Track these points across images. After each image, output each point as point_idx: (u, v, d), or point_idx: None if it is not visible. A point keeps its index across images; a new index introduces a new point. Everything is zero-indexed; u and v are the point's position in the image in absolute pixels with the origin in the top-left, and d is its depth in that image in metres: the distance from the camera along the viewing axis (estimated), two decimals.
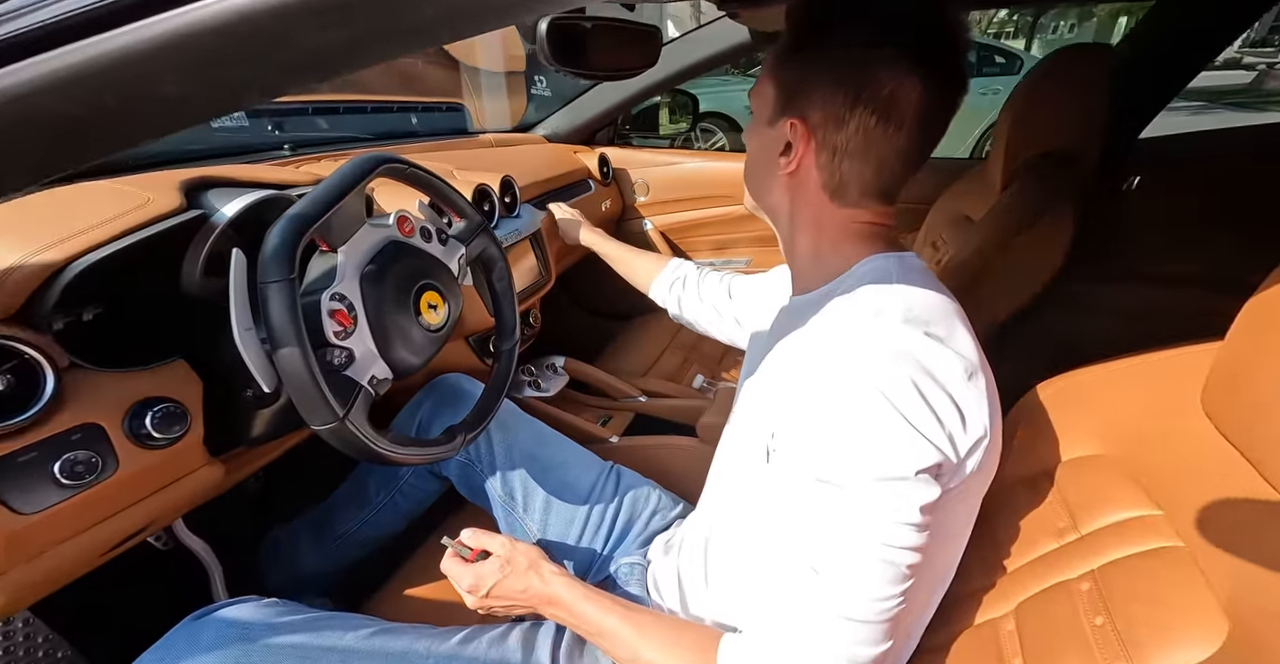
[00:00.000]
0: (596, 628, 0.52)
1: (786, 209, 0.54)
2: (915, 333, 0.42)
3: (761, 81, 0.52)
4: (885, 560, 0.40)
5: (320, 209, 0.54)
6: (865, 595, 0.40)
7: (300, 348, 0.50)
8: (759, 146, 0.54)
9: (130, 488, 0.55)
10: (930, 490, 0.40)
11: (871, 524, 0.40)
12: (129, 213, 0.57)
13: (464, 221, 0.77)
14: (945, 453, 0.40)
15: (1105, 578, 0.41)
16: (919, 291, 0.46)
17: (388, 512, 0.86)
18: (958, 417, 0.41)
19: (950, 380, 0.41)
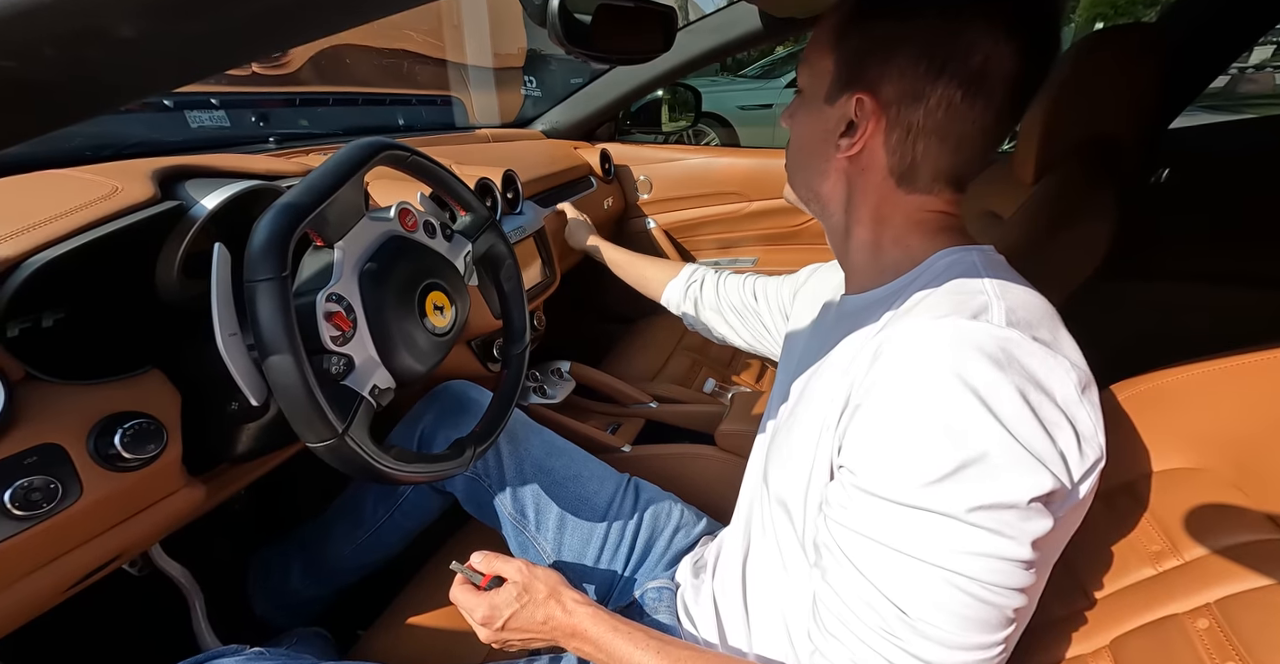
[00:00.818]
0: (624, 657, 0.46)
1: (842, 198, 0.49)
2: (1021, 337, 0.36)
3: (815, 53, 0.46)
4: (989, 603, 0.34)
5: (315, 199, 0.48)
6: (960, 644, 0.34)
7: (293, 355, 0.44)
8: (812, 128, 0.49)
9: (96, 516, 0.48)
10: (1043, 522, 0.34)
11: (974, 561, 0.34)
12: (94, 203, 0.50)
13: (469, 216, 0.71)
14: (1059, 478, 0.34)
15: (1229, 614, 0.36)
16: (1017, 289, 0.41)
17: (387, 531, 0.79)
18: (1073, 435, 0.35)
19: (1064, 393, 0.36)
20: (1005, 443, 0.34)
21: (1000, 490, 0.33)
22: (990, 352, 0.35)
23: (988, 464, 0.34)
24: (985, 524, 0.34)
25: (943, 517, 0.34)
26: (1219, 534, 0.40)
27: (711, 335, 0.93)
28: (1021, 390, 0.34)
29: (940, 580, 0.34)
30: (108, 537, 0.50)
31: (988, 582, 0.34)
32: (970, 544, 0.34)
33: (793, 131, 0.52)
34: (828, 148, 0.47)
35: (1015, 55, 0.40)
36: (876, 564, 0.36)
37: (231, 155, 0.67)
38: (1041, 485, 0.34)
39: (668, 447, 0.95)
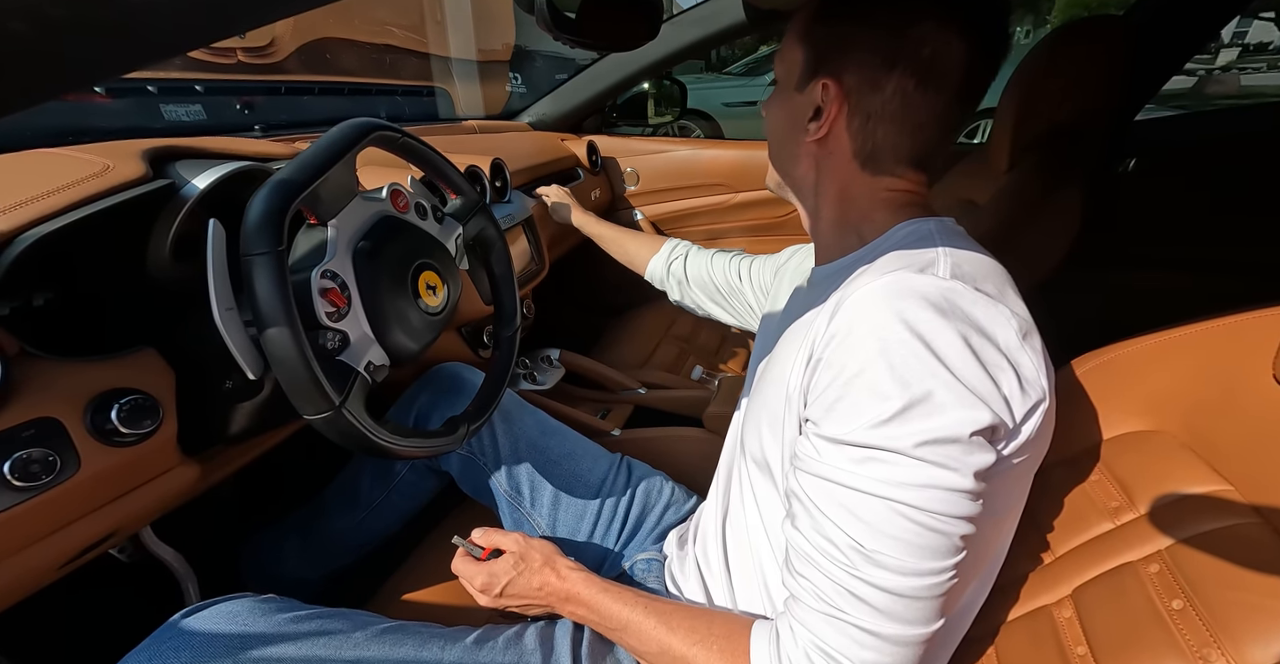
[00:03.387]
0: (620, 623, 0.49)
1: (812, 180, 0.52)
2: (964, 287, 0.39)
3: (788, 45, 0.50)
4: (936, 530, 0.36)
5: (308, 176, 0.49)
6: (914, 570, 0.37)
7: (291, 328, 0.45)
8: (785, 114, 0.52)
9: (94, 490, 0.49)
10: (985, 456, 0.37)
11: (921, 492, 0.36)
12: (86, 180, 0.50)
13: (460, 199, 0.72)
14: (1000, 415, 0.37)
15: (1177, 558, 0.39)
16: (966, 252, 0.44)
17: (383, 512, 0.80)
18: (1014, 375, 0.38)
19: (1004, 338, 0.38)
20: (949, 383, 0.36)
21: (944, 426, 0.36)
22: (934, 300, 0.38)
23: (932, 403, 0.36)
24: (930, 458, 0.36)
25: (892, 453, 0.37)
26: (1170, 489, 0.43)
27: (699, 312, 0.95)
28: (964, 335, 0.37)
29: (891, 512, 0.37)
30: (105, 511, 0.51)
31: (934, 511, 0.36)
32: (917, 477, 0.36)
33: (768, 120, 0.55)
34: (798, 133, 0.50)
35: (965, 49, 0.43)
36: (835, 503, 0.39)
37: (221, 138, 0.67)
38: (981, 420, 0.36)
39: (656, 429, 0.97)
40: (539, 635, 0.55)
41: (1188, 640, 0.35)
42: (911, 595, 0.37)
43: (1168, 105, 9.42)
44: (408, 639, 0.52)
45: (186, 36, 0.26)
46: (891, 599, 0.37)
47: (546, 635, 0.55)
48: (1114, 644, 0.38)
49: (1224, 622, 0.34)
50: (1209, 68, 13.50)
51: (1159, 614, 0.37)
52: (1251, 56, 14.92)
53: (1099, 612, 0.41)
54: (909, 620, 0.38)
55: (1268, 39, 15.59)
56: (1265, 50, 15.50)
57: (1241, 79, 11.70)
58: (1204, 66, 13.56)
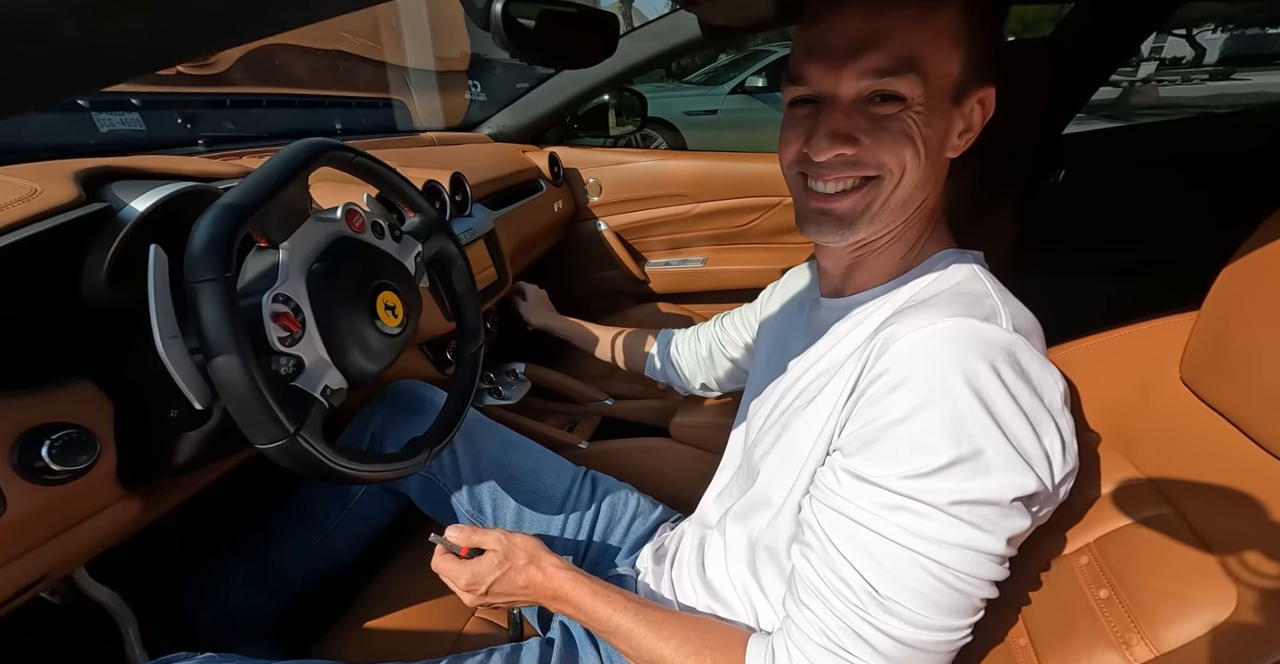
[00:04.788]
0: (609, 627, 0.48)
1: (920, 201, 0.46)
2: (1025, 344, 0.38)
3: (937, 52, 0.41)
4: (957, 590, 0.36)
5: (257, 198, 0.48)
6: (928, 624, 0.37)
7: (240, 356, 0.43)
8: (939, 131, 0.43)
9: (22, 533, 0.46)
10: (1022, 521, 0.37)
11: (951, 550, 0.36)
12: (11, 205, 0.48)
13: (419, 217, 0.71)
14: (1044, 481, 0.37)
15: (1103, 551, 0.42)
16: (1014, 299, 0.44)
17: (338, 536, 0.78)
18: (1058, 438, 0.38)
19: (1051, 399, 0.38)
20: (1000, 445, 0.35)
21: (987, 488, 0.35)
22: (998, 354, 0.37)
23: (980, 462, 0.35)
24: (966, 517, 0.36)
25: (926, 506, 0.36)
26: (1096, 486, 0.46)
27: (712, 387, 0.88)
28: (1019, 395, 0.36)
29: (914, 565, 0.36)
30: (38, 553, 0.48)
31: (960, 571, 0.36)
32: (950, 535, 0.36)
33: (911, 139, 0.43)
34: (944, 150, 0.45)
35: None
36: (855, 543, 0.38)
37: (161, 157, 0.65)
38: (1026, 487, 0.36)
39: (624, 441, 0.98)
40: (505, 662, 0.54)
41: (1112, 627, 0.38)
42: (920, 647, 0.37)
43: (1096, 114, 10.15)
44: None
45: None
46: (899, 647, 0.37)
47: (513, 661, 0.55)
48: (1050, 634, 0.41)
49: (1143, 608, 0.37)
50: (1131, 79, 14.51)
51: (1088, 604, 0.40)
52: (1168, 69, 16.13)
53: (1037, 605, 0.43)
54: None
55: (1181, 54, 16.90)
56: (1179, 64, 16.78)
57: (1160, 90, 12.63)
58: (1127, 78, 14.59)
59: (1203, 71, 15.49)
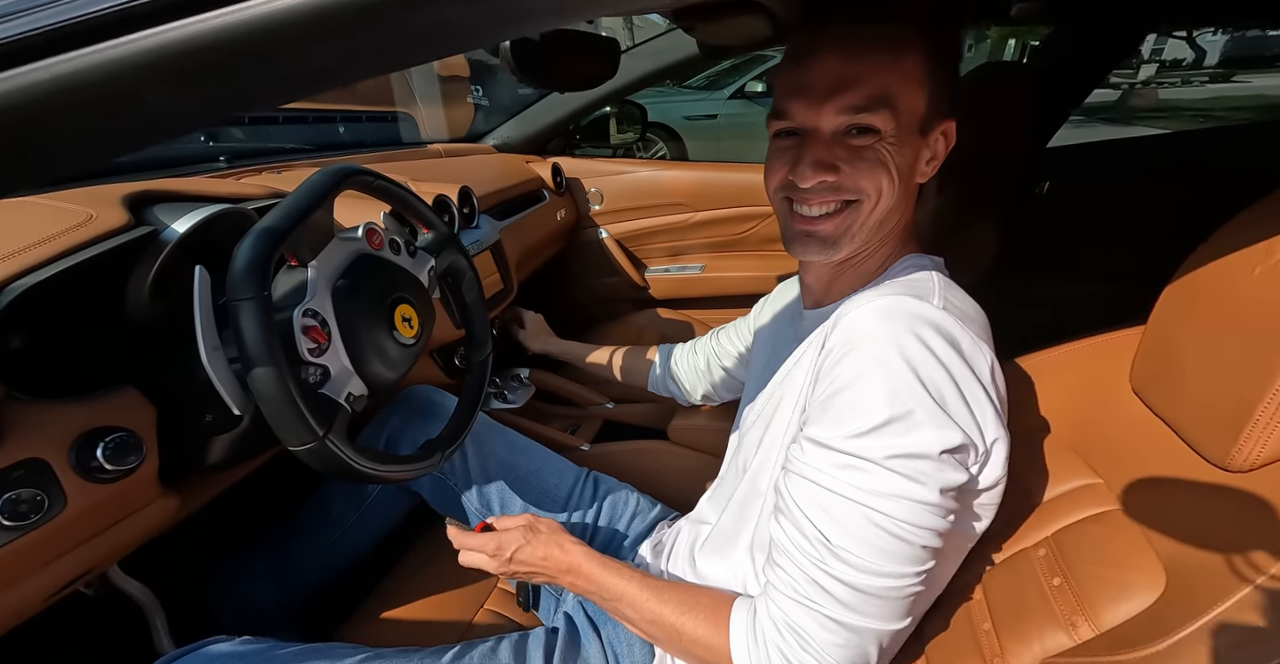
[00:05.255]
0: (615, 594, 0.53)
1: (896, 221, 0.52)
2: (954, 320, 0.43)
3: (906, 90, 0.46)
4: (900, 538, 0.40)
5: (291, 222, 0.53)
6: (876, 571, 0.40)
7: (276, 367, 0.48)
8: (908, 161, 0.48)
9: (80, 526, 0.51)
10: (954, 475, 0.41)
11: (891, 501, 0.40)
12: (71, 230, 0.53)
13: (431, 233, 0.76)
14: (971, 438, 0.41)
15: (1059, 543, 0.46)
16: (960, 292, 0.49)
17: (354, 533, 0.82)
18: (988, 405, 0.42)
19: (981, 371, 0.42)
20: (928, 404, 0.40)
21: (917, 443, 0.40)
22: (926, 327, 0.42)
23: (911, 421, 0.40)
24: (902, 470, 0.40)
25: (868, 461, 0.41)
26: (1056, 484, 0.50)
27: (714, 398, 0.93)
28: (947, 361, 0.41)
29: (862, 517, 0.41)
30: (90, 545, 0.53)
31: (901, 520, 0.40)
32: (888, 487, 0.40)
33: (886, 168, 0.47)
34: (914, 177, 0.50)
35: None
36: (814, 503, 0.43)
37: (196, 179, 0.70)
38: (952, 441, 0.40)
39: (624, 443, 1.02)
40: (513, 648, 0.59)
41: (1062, 610, 0.42)
42: (873, 593, 0.41)
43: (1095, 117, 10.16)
44: (389, 663, 0.55)
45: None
46: (853, 594, 0.41)
47: (520, 648, 0.59)
48: (1010, 618, 0.45)
49: (1088, 593, 0.41)
50: (1131, 82, 14.47)
51: (1043, 590, 0.44)
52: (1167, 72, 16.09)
53: (1000, 592, 0.48)
54: (870, 615, 0.41)
55: (1181, 56, 16.88)
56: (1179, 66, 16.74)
57: (1159, 93, 12.60)
58: (1127, 81, 14.56)
59: (1203, 74, 15.43)
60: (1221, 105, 10.14)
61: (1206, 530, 0.37)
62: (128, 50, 0.27)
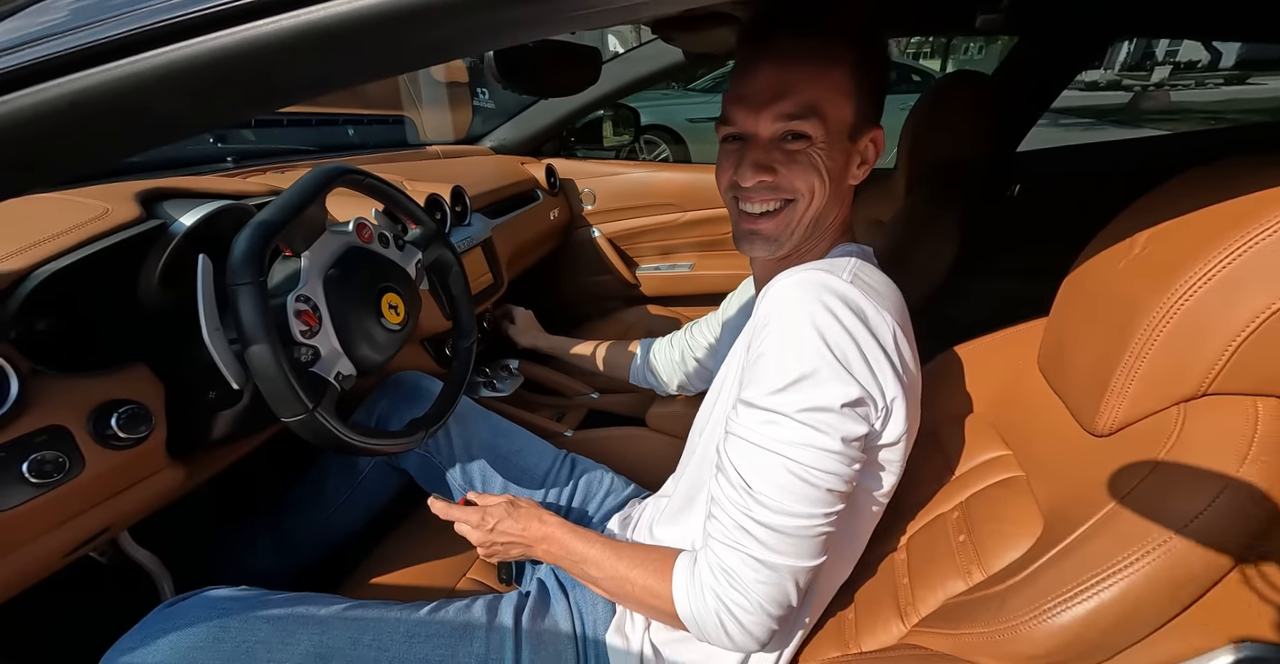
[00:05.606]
0: (582, 556, 0.58)
1: (832, 219, 0.57)
2: (861, 293, 0.48)
3: (834, 100, 0.51)
4: (808, 482, 0.45)
5: (285, 216, 0.58)
6: (789, 511, 0.45)
7: (270, 345, 0.54)
8: (840, 164, 0.54)
9: (96, 487, 0.57)
10: (855, 426, 0.45)
11: (797, 449, 0.45)
12: (89, 223, 0.59)
13: (420, 228, 0.81)
14: (870, 392, 0.46)
15: (969, 507, 0.51)
16: (875, 272, 0.54)
17: (347, 508, 0.88)
18: (887, 364, 0.47)
19: (883, 335, 0.47)
20: (831, 364, 0.45)
21: (821, 397, 0.45)
22: (832, 296, 0.47)
23: (817, 378, 0.45)
24: (809, 422, 0.45)
25: (781, 415, 0.46)
26: (974, 456, 0.55)
27: (690, 389, 1.00)
28: (851, 328, 0.46)
29: (778, 465, 0.46)
30: (104, 507, 0.59)
31: (808, 465, 0.45)
32: (799, 437, 0.45)
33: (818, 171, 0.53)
34: (846, 178, 0.55)
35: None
36: (740, 455, 0.48)
37: (203, 178, 0.76)
38: (851, 395, 0.45)
39: (605, 429, 1.08)
40: (486, 604, 0.64)
41: (962, 562, 0.47)
42: (787, 533, 0.46)
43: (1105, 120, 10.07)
44: (370, 611, 0.61)
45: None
46: (772, 534, 0.46)
47: (493, 605, 0.64)
48: (922, 572, 0.50)
49: (984, 546, 0.46)
50: (1144, 84, 14.26)
51: (950, 547, 0.49)
52: (1182, 74, 15.90)
53: (918, 551, 0.53)
54: (785, 553, 0.46)
55: (1196, 58, 16.69)
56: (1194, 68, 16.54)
57: (1171, 95, 12.46)
58: (1140, 83, 14.36)
59: (1217, 76, 15.21)
60: (1234, 108, 10.02)
61: (1073, 485, 0.42)
62: (139, 67, 0.33)
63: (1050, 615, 0.34)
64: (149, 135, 0.38)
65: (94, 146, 0.37)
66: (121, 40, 0.33)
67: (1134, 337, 0.38)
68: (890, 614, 0.50)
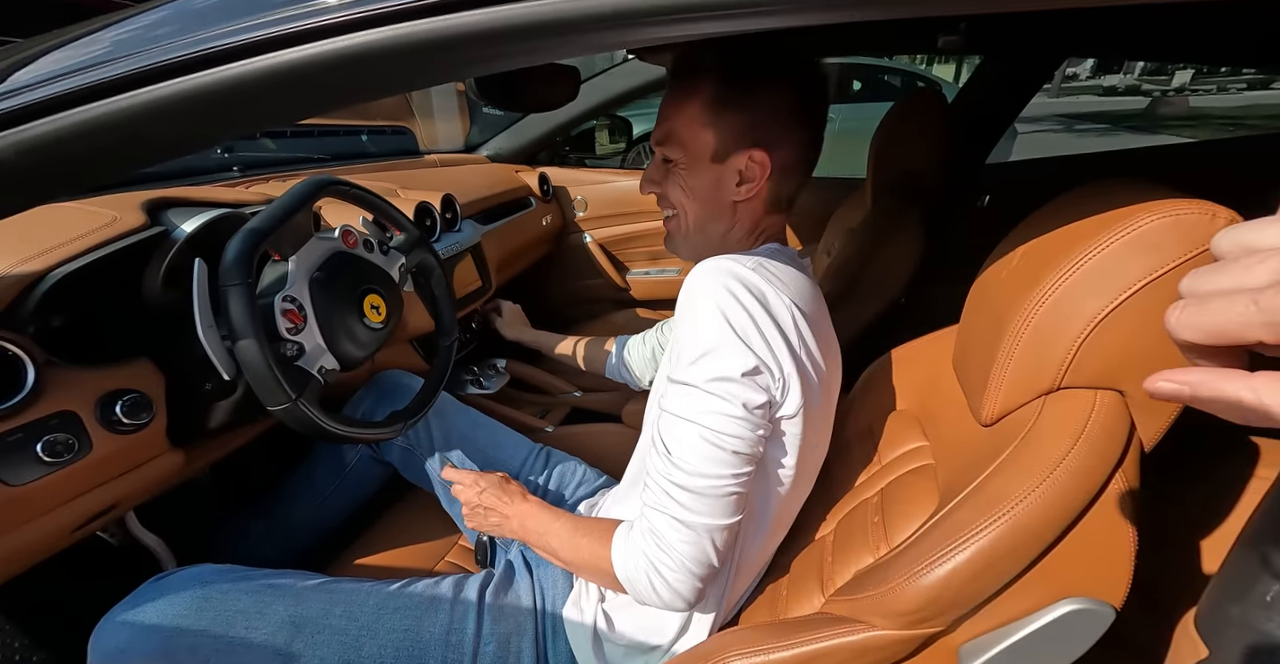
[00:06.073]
0: (548, 529, 0.64)
1: (724, 230, 0.62)
2: (762, 279, 0.53)
3: (691, 130, 0.58)
4: (715, 444, 0.50)
5: (273, 224, 0.65)
6: (700, 472, 0.50)
7: (256, 340, 0.60)
8: (707, 183, 0.60)
9: (102, 467, 0.63)
10: (754, 395, 0.50)
11: (705, 415, 0.50)
12: (99, 230, 0.65)
13: (404, 235, 0.88)
14: (765, 363, 0.50)
15: (887, 492, 0.56)
16: (781, 263, 0.58)
17: (336, 498, 0.94)
18: (782, 341, 0.52)
19: (781, 315, 0.52)
20: (730, 339, 0.50)
21: (722, 367, 0.50)
22: (733, 280, 0.52)
23: (719, 352, 0.50)
24: (715, 391, 0.50)
25: (692, 387, 0.51)
26: (898, 447, 0.60)
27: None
28: (748, 306, 0.51)
29: (691, 431, 0.51)
30: (109, 486, 0.65)
31: (715, 429, 0.50)
32: (707, 405, 0.50)
33: (684, 190, 0.60)
34: (725, 195, 0.60)
35: (821, 99, 0.59)
36: (666, 428, 0.53)
37: (204, 187, 0.83)
38: (748, 365, 0.50)
39: (583, 426, 1.13)
40: (454, 582, 0.70)
41: (873, 540, 0.52)
42: (700, 492, 0.50)
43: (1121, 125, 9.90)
44: (344, 585, 0.67)
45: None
46: (688, 494, 0.51)
47: (460, 582, 0.70)
48: (842, 551, 0.55)
49: (892, 523, 0.51)
50: (1164, 89, 13.93)
51: (866, 526, 0.54)
52: (1203, 78, 15.61)
53: (842, 533, 0.57)
54: (701, 512, 0.51)
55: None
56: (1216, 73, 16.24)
57: (1190, 100, 12.25)
58: (1159, 88, 14.08)
59: (1240, 81, 14.89)
60: (1255, 113, 9.85)
61: (961, 468, 0.46)
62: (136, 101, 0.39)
63: (919, 577, 0.39)
64: (149, 156, 0.44)
65: (103, 165, 0.43)
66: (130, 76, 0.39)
67: (1004, 338, 0.43)
68: (814, 587, 0.55)
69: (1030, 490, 0.36)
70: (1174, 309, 0.20)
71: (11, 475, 0.55)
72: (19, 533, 0.57)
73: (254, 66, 0.38)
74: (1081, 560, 0.36)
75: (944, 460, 0.52)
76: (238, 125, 0.43)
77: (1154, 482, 0.40)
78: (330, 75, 0.38)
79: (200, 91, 0.38)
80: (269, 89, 0.38)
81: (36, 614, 0.85)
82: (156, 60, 0.38)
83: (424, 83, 0.43)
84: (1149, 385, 0.21)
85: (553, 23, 0.33)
